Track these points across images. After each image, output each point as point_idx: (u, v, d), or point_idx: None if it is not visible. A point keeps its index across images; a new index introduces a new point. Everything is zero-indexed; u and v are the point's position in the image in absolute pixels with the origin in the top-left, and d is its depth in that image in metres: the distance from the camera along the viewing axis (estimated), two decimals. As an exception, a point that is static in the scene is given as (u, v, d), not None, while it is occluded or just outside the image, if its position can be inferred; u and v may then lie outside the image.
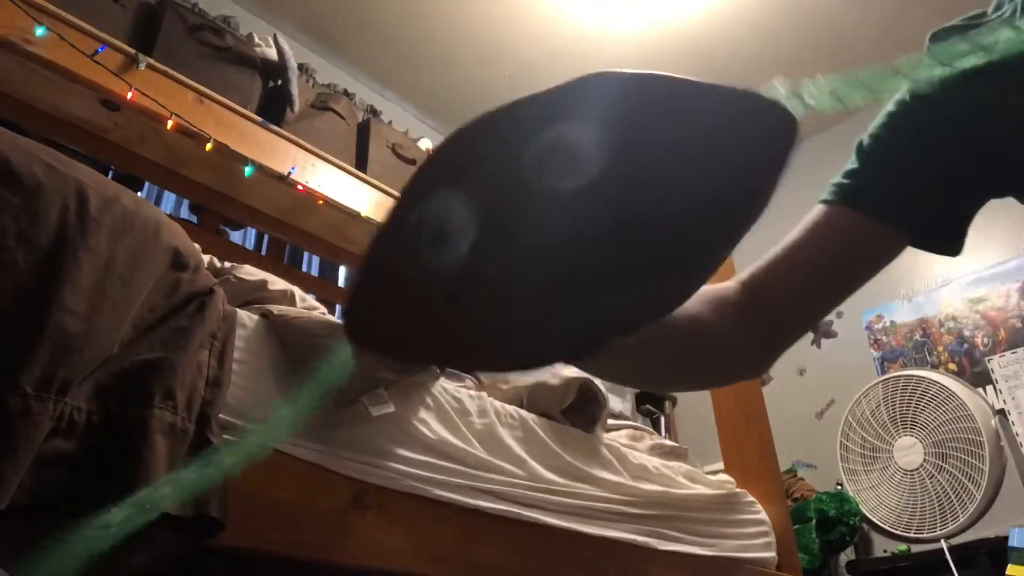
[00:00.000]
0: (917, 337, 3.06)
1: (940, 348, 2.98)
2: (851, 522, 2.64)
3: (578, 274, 0.34)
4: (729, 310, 0.59)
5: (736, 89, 0.31)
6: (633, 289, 0.35)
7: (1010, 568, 2.01)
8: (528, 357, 0.38)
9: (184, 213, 2.17)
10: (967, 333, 2.92)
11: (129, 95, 1.48)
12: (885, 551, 2.73)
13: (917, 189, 0.57)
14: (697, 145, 0.32)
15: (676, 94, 0.31)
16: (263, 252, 2.30)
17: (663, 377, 0.63)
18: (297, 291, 1.14)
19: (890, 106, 0.59)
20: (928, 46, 0.55)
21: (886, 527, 2.68)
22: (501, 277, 0.34)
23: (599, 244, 0.33)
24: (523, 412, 1.22)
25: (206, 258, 1.01)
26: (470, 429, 1.10)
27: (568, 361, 0.41)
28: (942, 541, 2.47)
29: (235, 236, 2.22)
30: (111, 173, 1.76)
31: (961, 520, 2.48)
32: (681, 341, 0.55)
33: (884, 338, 3.15)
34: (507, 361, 0.40)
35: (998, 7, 0.56)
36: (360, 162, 2.08)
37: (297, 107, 1.89)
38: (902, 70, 0.35)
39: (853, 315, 3.21)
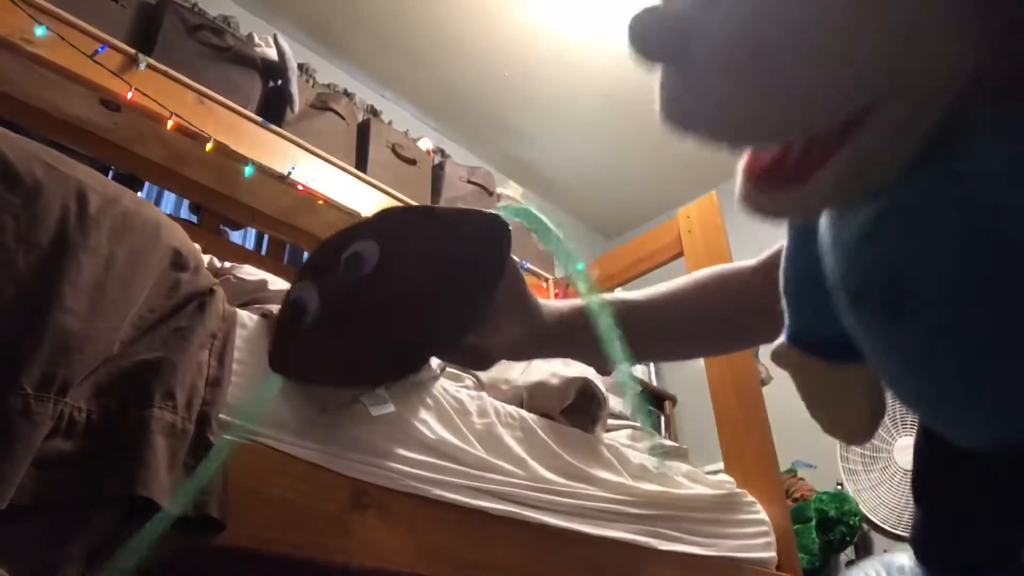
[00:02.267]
0: (917, 337, 3.05)
1: (940, 348, 2.97)
2: (851, 522, 2.64)
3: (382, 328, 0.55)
4: (750, 288, 0.69)
5: (464, 210, 0.50)
6: (408, 341, 0.56)
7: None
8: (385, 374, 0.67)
9: (184, 213, 2.17)
10: (967, 333, 2.91)
11: (129, 95, 1.48)
12: (885, 551, 2.73)
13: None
14: (441, 248, 0.51)
15: (427, 218, 0.52)
16: (263, 252, 2.30)
17: (704, 346, 0.75)
18: (297, 291, 1.14)
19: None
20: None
21: (886, 527, 2.68)
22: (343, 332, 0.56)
23: (392, 313, 0.54)
24: (523, 412, 1.22)
25: (206, 258, 1.01)
26: (470, 429, 1.10)
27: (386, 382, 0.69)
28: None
29: (235, 236, 2.22)
30: (111, 173, 1.76)
31: (961, 520, 2.48)
32: (711, 313, 0.69)
33: (884, 338, 3.15)
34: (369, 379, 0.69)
35: None
36: (360, 162, 2.09)
37: (297, 107, 1.89)
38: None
39: (853, 315, 3.20)
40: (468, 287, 0.53)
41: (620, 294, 0.74)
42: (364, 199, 1.96)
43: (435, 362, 1.07)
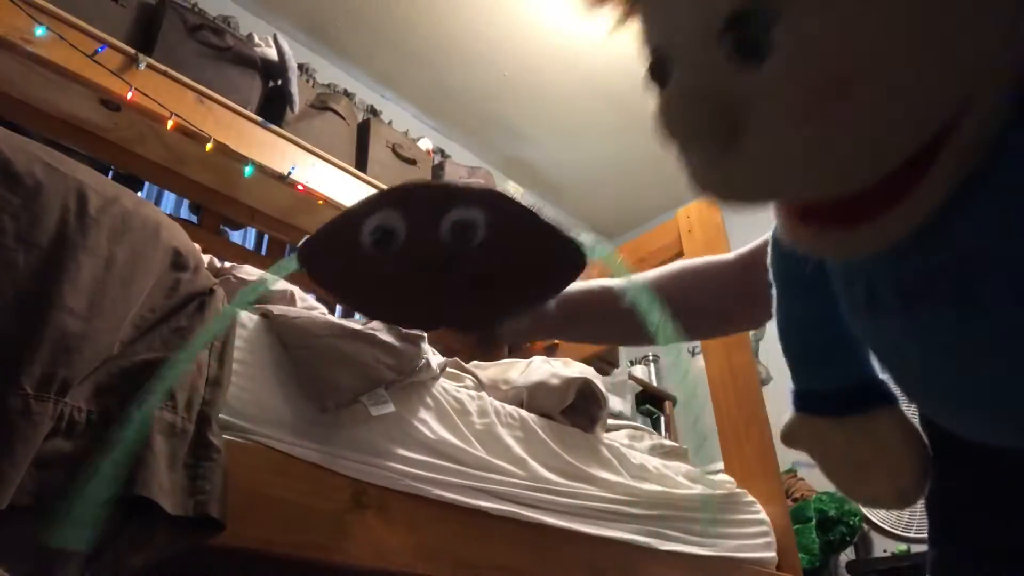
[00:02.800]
0: (917, 337, 3.05)
1: (940, 348, 2.97)
2: (851, 522, 2.64)
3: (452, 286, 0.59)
4: (725, 277, 0.71)
5: (559, 228, 0.55)
6: (469, 310, 0.62)
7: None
8: (402, 321, 0.71)
9: (184, 213, 2.17)
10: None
11: (129, 95, 1.48)
12: (885, 551, 2.73)
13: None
14: (535, 252, 0.57)
15: (532, 218, 0.55)
16: (263, 252, 2.30)
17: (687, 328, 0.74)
18: (297, 291, 1.14)
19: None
20: None
21: (886, 527, 2.68)
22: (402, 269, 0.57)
23: (471, 283, 0.58)
24: (523, 412, 1.22)
25: (206, 258, 1.01)
26: (470, 429, 1.10)
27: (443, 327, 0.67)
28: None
29: (235, 236, 2.22)
30: (111, 173, 1.76)
31: (961, 520, 2.48)
32: (695, 301, 0.71)
33: (884, 338, 3.15)
34: (394, 319, 0.70)
35: None
36: (360, 162, 2.09)
37: (297, 107, 1.89)
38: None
39: (853, 315, 3.20)
40: (535, 292, 0.60)
41: (603, 282, 0.76)
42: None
43: (435, 361, 1.07)
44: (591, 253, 0.57)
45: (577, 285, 0.73)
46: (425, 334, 1.04)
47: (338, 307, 2.37)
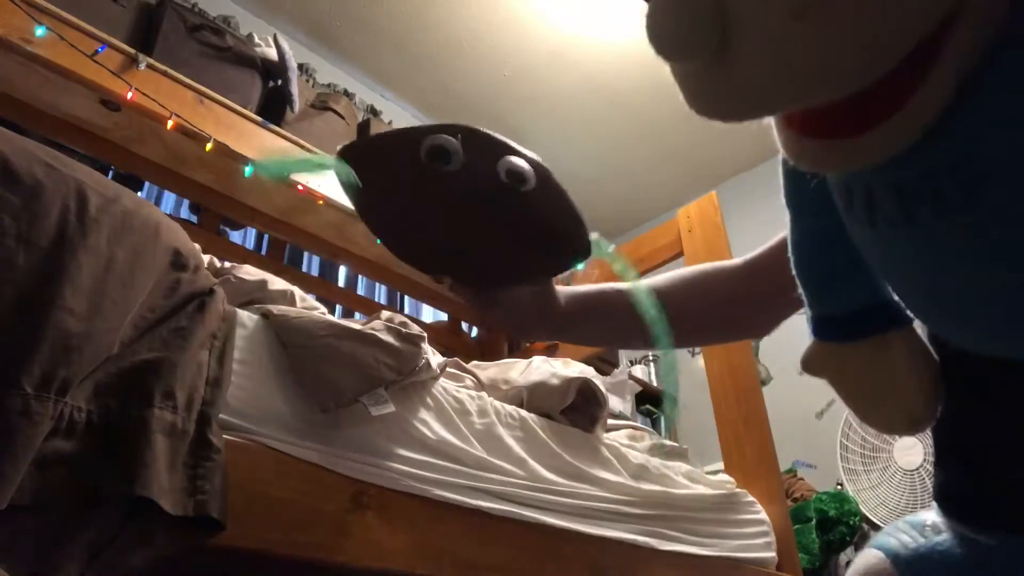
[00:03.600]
0: (917, 337, 3.05)
1: (940, 348, 2.97)
2: (851, 522, 2.64)
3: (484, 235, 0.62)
4: (733, 283, 0.71)
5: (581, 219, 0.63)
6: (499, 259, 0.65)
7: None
8: (417, 252, 0.67)
9: (184, 213, 2.17)
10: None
11: (129, 95, 1.48)
12: (885, 551, 2.73)
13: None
14: (564, 222, 0.63)
15: (562, 192, 0.63)
16: (263, 252, 2.30)
17: (694, 333, 0.78)
18: (297, 291, 1.14)
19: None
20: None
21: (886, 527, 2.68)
22: (452, 199, 0.60)
23: (505, 230, 0.62)
24: (523, 412, 1.22)
25: (206, 258, 1.01)
26: (470, 429, 1.10)
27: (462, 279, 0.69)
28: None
29: (235, 236, 2.22)
30: (111, 173, 1.76)
31: (961, 520, 2.48)
32: (703, 305, 0.72)
33: (884, 338, 3.14)
34: (408, 251, 0.67)
35: None
36: (360, 162, 2.08)
37: (297, 107, 1.89)
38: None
39: (853, 315, 3.20)
40: (544, 260, 0.65)
41: (610, 286, 0.76)
42: (364, 199, 1.96)
43: (435, 361, 1.07)
44: (596, 249, 0.63)
45: (586, 286, 0.74)
46: (425, 335, 1.05)
47: (338, 307, 2.37)
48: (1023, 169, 0.32)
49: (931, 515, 0.54)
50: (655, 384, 3.40)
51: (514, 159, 0.58)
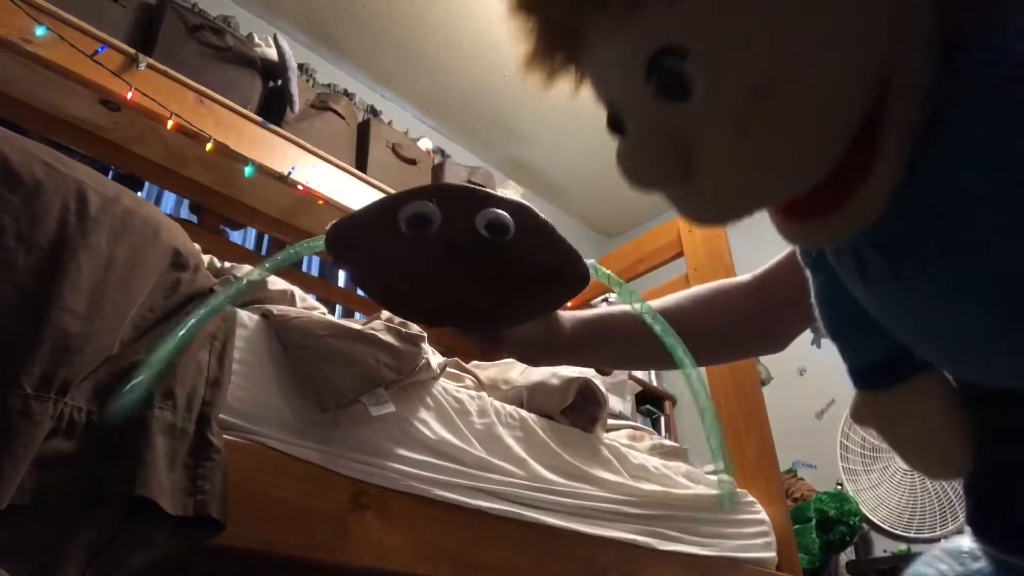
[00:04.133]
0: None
1: (940, 348, 2.97)
2: (851, 522, 2.64)
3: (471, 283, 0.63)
4: (744, 299, 0.71)
5: (570, 247, 0.62)
6: (483, 306, 0.66)
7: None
8: (418, 311, 0.70)
9: (184, 213, 2.17)
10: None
11: (129, 95, 1.48)
12: (885, 551, 2.73)
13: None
14: (550, 259, 0.62)
15: (550, 232, 0.62)
16: (263, 252, 2.30)
17: (706, 355, 0.76)
18: (297, 291, 1.14)
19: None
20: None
21: (886, 527, 2.68)
22: (434, 260, 0.60)
23: (492, 280, 0.63)
24: (523, 412, 1.22)
25: (206, 258, 1.01)
26: (470, 429, 1.10)
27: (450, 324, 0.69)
28: (942, 541, 2.47)
29: (235, 236, 2.22)
30: (111, 173, 1.76)
31: (961, 520, 2.48)
32: (713, 324, 0.72)
33: (884, 338, 3.15)
34: (408, 310, 0.71)
35: None
36: (360, 162, 2.09)
37: (297, 107, 1.89)
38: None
39: (853, 315, 3.20)
40: (542, 297, 0.65)
41: (618, 308, 0.76)
42: (364, 199, 1.96)
43: (435, 361, 1.07)
44: (594, 273, 0.63)
45: (592, 310, 0.75)
46: (425, 335, 1.05)
47: (338, 307, 2.37)
48: (986, 211, 0.34)
49: (967, 541, 0.54)
50: (655, 384, 3.40)
51: (491, 210, 0.58)
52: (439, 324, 0.70)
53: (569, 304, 2.52)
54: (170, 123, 1.54)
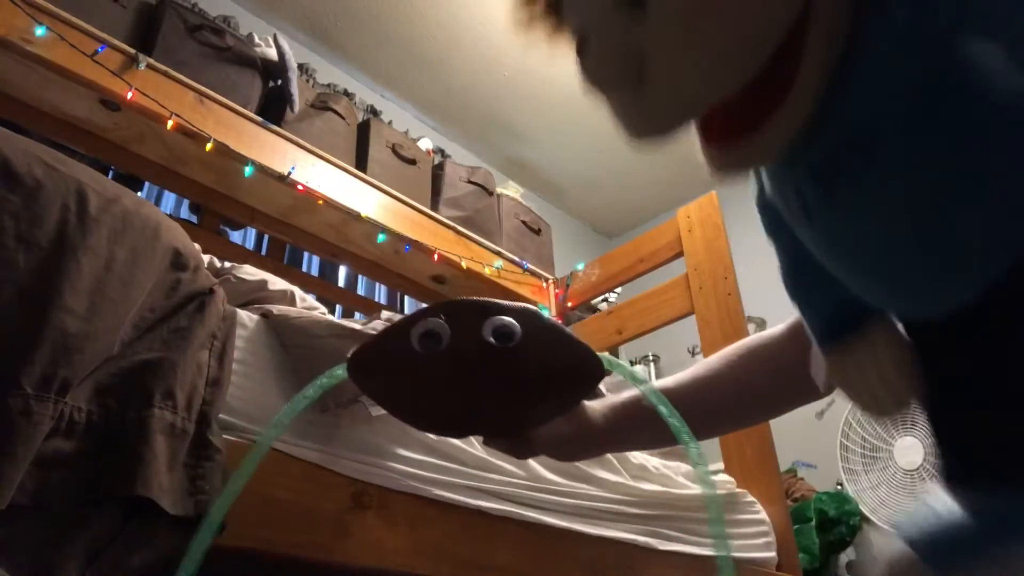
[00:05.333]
0: (917, 337, 3.05)
1: (940, 348, 2.97)
2: (851, 522, 2.64)
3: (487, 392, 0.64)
4: (780, 351, 0.70)
5: (581, 343, 0.63)
6: (503, 415, 0.68)
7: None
8: (444, 426, 0.73)
9: (184, 213, 2.17)
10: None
11: (129, 95, 1.49)
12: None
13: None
14: (560, 359, 0.63)
15: (559, 332, 0.64)
16: (263, 252, 2.29)
17: (753, 415, 0.79)
18: (297, 291, 1.14)
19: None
20: None
21: (886, 527, 2.68)
22: (451, 377, 0.63)
23: (507, 387, 0.64)
24: (523, 412, 1.22)
25: (206, 258, 1.01)
26: (470, 429, 1.10)
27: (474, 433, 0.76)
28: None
29: (235, 236, 2.21)
30: (111, 173, 1.76)
31: (961, 520, 2.48)
32: (758, 381, 0.72)
33: (884, 338, 3.14)
34: (433, 425, 0.75)
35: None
36: (360, 162, 2.09)
37: (297, 107, 1.89)
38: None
39: (853, 315, 3.20)
40: (561, 396, 0.66)
41: (657, 384, 0.75)
42: (364, 199, 1.96)
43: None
44: (609, 366, 0.64)
45: (623, 395, 0.75)
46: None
47: (338, 307, 2.37)
48: (898, 124, 0.37)
49: (941, 496, 0.54)
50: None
51: (496, 318, 0.61)
52: (467, 435, 0.73)
53: (570, 304, 2.50)
54: (170, 123, 1.54)
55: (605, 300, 2.77)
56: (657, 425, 0.72)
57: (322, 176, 1.86)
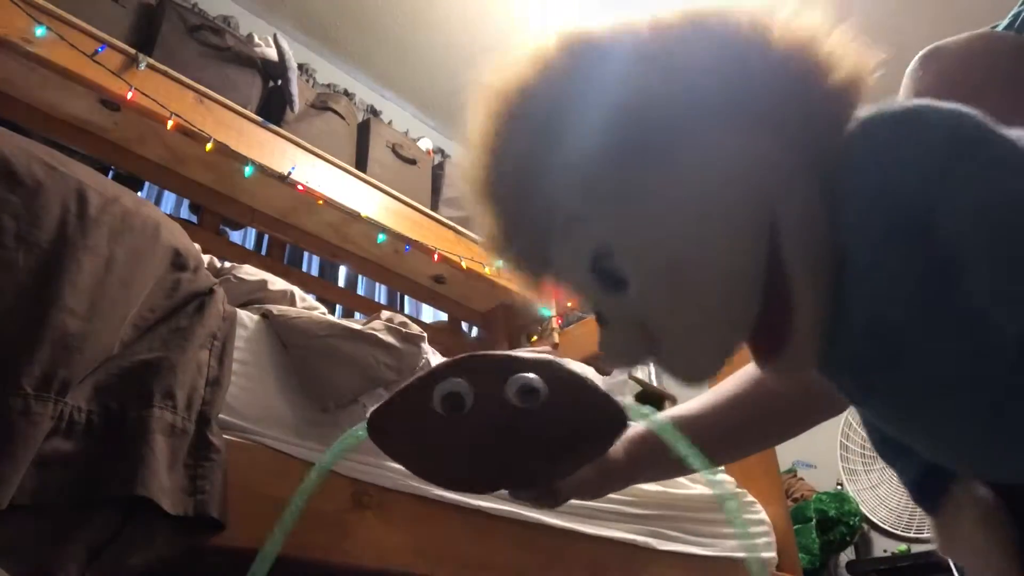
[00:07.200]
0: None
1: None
2: (851, 522, 2.64)
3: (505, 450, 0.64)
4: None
5: (604, 393, 0.61)
6: (528, 471, 0.67)
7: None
8: (467, 485, 0.77)
9: (184, 213, 2.17)
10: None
11: (129, 95, 1.48)
12: (885, 551, 2.73)
13: None
14: (584, 413, 0.61)
15: (582, 384, 0.61)
16: (263, 252, 2.29)
17: (774, 437, 0.79)
18: (297, 291, 1.14)
19: None
20: None
21: (886, 527, 2.68)
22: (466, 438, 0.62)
23: (531, 445, 0.64)
24: (523, 412, 1.22)
25: (206, 258, 1.01)
26: (470, 429, 1.10)
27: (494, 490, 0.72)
28: None
29: (235, 236, 2.21)
30: (111, 173, 1.76)
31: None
32: (771, 409, 0.71)
33: (884, 338, 3.14)
34: (457, 484, 0.80)
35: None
36: (360, 162, 2.08)
37: (297, 107, 1.89)
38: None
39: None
40: (586, 449, 0.66)
41: (673, 412, 0.75)
42: (364, 199, 1.96)
43: (434, 361, 1.07)
44: (633, 415, 0.64)
45: (640, 428, 0.75)
46: (425, 335, 1.04)
47: (338, 307, 2.37)
48: (910, 321, 0.37)
49: None
50: (655, 384, 3.40)
51: (520, 377, 0.59)
52: (492, 491, 0.72)
53: (570, 303, 2.50)
54: (170, 123, 1.54)
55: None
56: (676, 462, 0.72)
57: (322, 176, 1.86)
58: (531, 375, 0.59)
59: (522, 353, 0.62)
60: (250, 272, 1.12)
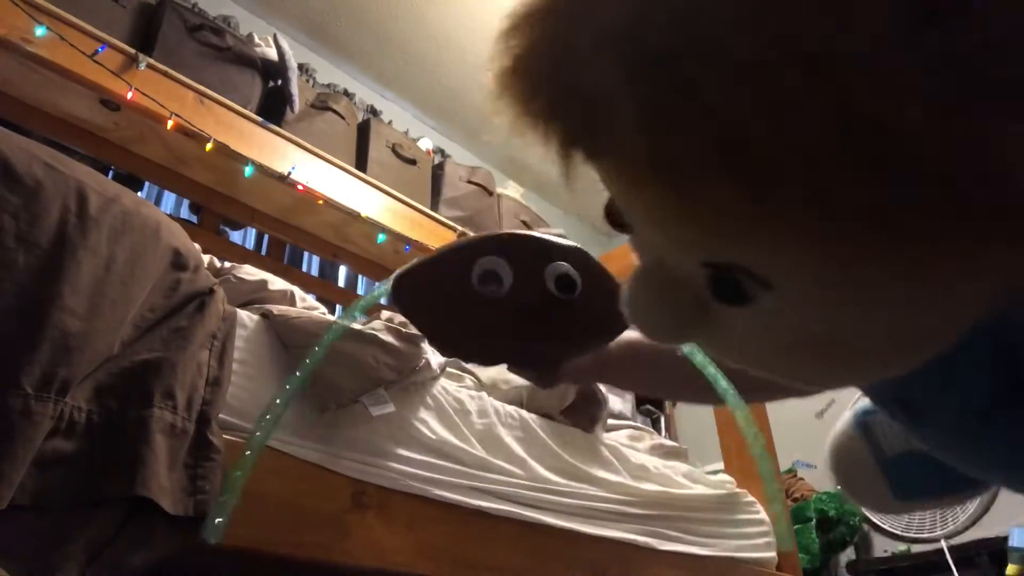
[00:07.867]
0: (917, 337, 3.04)
1: (940, 348, 2.96)
2: (851, 522, 2.64)
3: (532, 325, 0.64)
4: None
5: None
6: (551, 351, 0.67)
7: (1010, 568, 2.01)
8: (477, 356, 0.73)
9: (184, 213, 2.17)
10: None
11: (129, 95, 1.48)
12: (885, 551, 2.73)
13: None
14: (605, 304, 0.60)
15: (610, 279, 0.64)
16: (263, 252, 2.29)
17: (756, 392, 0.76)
18: (297, 291, 1.14)
19: None
20: None
21: (886, 527, 2.68)
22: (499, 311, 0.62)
23: (558, 328, 0.64)
24: (523, 412, 1.22)
25: (206, 258, 1.01)
26: (470, 429, 1.10)
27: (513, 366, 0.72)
28: (942, 541, 2.47)
29: (235, 236, 2.21)
30: (111, 173, 1.76)
31: (961, 520, 2.48)
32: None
33: (884, 338, 3.14)
34: (471, 356, 0.78)
35: None
36: (360, 162, 2.08)
37: (297, 107, 1.89)
38: None
39: (853, 315, 3.20)
40: (598, 340, 0.68)
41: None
42: (364, 199, 1.96)
43: (435, 361, 1.07)
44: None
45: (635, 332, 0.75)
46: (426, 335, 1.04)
47: (338, 307, 2.37)
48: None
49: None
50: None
51: (559, 265, 0.60)
52: (496, 364, 0.72)
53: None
54: (170, 123, 1.54)
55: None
56: (664, 368, 0.72)
57: (322, 176, 1.86)
58: (569, 267, 0.60)
59: (556, 238, 0.62)
60: (250, 272, 1.12)
